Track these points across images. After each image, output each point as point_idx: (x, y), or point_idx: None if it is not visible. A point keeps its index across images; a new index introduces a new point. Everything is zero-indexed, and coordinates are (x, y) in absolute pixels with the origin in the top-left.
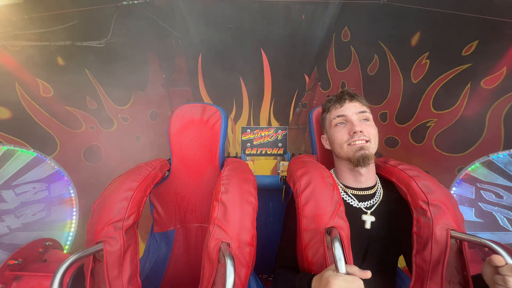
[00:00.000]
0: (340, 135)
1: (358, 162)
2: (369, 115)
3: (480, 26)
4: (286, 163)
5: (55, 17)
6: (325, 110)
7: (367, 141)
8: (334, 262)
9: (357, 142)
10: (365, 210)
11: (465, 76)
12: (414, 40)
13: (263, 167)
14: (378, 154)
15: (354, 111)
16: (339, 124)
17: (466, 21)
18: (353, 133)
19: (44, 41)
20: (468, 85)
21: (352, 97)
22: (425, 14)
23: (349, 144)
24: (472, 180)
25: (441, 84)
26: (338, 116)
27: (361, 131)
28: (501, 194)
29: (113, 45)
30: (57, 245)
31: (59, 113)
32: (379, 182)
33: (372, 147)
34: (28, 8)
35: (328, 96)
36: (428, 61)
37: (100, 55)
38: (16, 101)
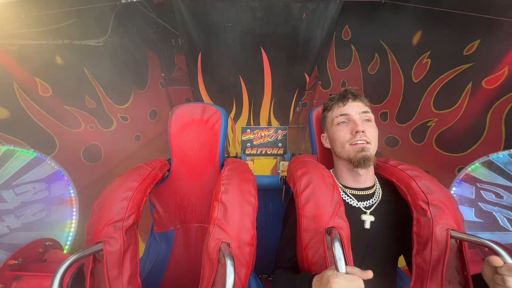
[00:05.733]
0: (342, 134)
1: (358, 163)
2: (371, 115)
3: (482, 25)
4: (286, 163)
5: (53, 16)
6: (327, 109)
7: (367, 142)
8: (334, 262)
9: (358, 142)
10: (364, 209)
11: (466, 75)
12: (415, 39)
13: (263, 167)
14: (378, 153)
15: (357, 110)
16: (341, 123)
17: (468, 20)
18: (355, 133)
19: (42, 40)
20: (469, 85)
21: (355, 96)
22: (426, 13)
23: (351, 144)
24: (472, 180)
25: (442, 84)
26: (341, 115)
27: (363, 131)
28: (501, 194)
29: (112, 44)
30: (57, 245)
31: (58, 113)
32: (377, 182)
33: (373, 148)
34: (26, 7)
35: (330, 95)
36: (429, 60)
37: (98, 54)
38: (14, 101)
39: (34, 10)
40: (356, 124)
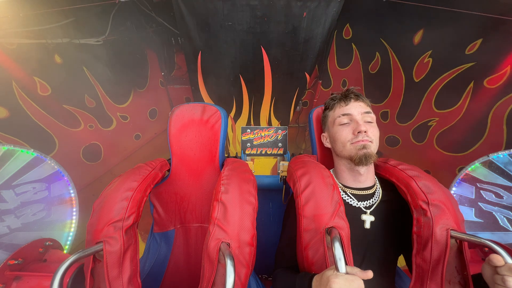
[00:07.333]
0: (344, 133)
1: (360, 160)
2: (373, 116)
3: (484, 24)
4: (286, 163)
5: (52, 15)
6: (329, 108)
7: (369, 142)
8: (334, 262)
9: (360, 142)
10: (364, 209)
11: (468, 75)
12: (417, 38)
13: (263, 167)
14: (379, 153)
15: (360, 110)
16: (343, 123)
17: (470, 19)
18: (357, 133)
19: (41, 38)
20: (471, 84)
21: (358, 96)
22: (428, 11)
23: (352, 143)
24: (472, 180)
25: (444, 83)
26: (343, 115)
27: (365, 131)
28: (501, 194)
29: (111, 43)
30: (57, 245)
31: (57, 112)
32: (378, 182)
33: (374, 146)
34: (24, 6)
35: (332, 94)
36: (430, 59)
37: (98, 53)
38: (13, 100)
39: (32, 9)
40: (359, 124)
